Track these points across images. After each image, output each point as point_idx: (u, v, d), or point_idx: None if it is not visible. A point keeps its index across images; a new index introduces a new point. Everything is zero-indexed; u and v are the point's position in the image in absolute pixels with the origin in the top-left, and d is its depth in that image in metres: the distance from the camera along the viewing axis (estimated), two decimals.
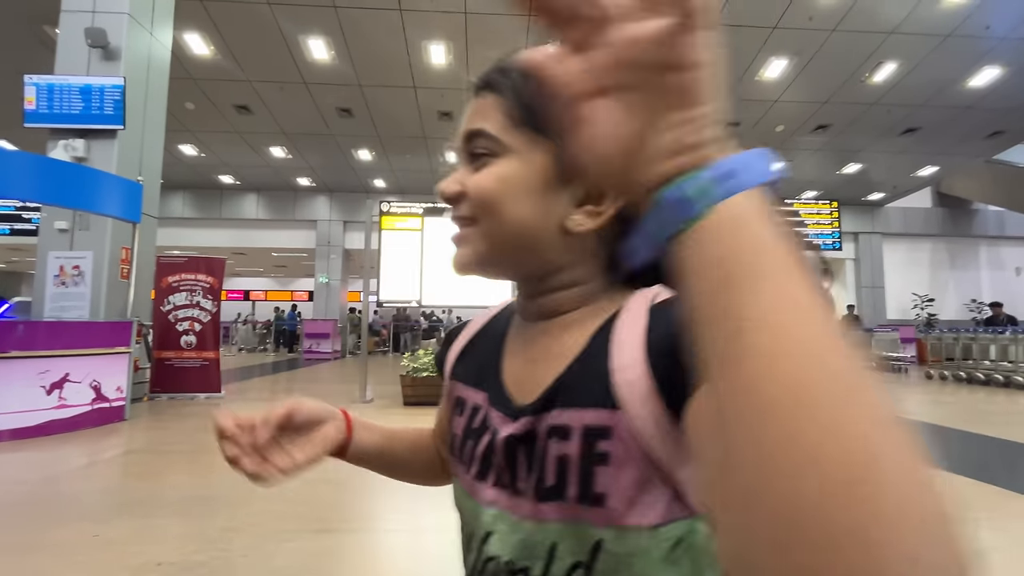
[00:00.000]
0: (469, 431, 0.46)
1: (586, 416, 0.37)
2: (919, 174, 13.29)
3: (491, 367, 0.47)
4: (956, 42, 7.69)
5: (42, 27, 7.11)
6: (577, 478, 0.37)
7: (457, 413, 0.48)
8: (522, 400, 0.43)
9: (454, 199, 0.44)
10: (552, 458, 0.38)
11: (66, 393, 4.05)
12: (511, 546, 0.40)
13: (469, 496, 0.44)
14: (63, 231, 4.97)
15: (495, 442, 0.42)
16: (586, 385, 0.38)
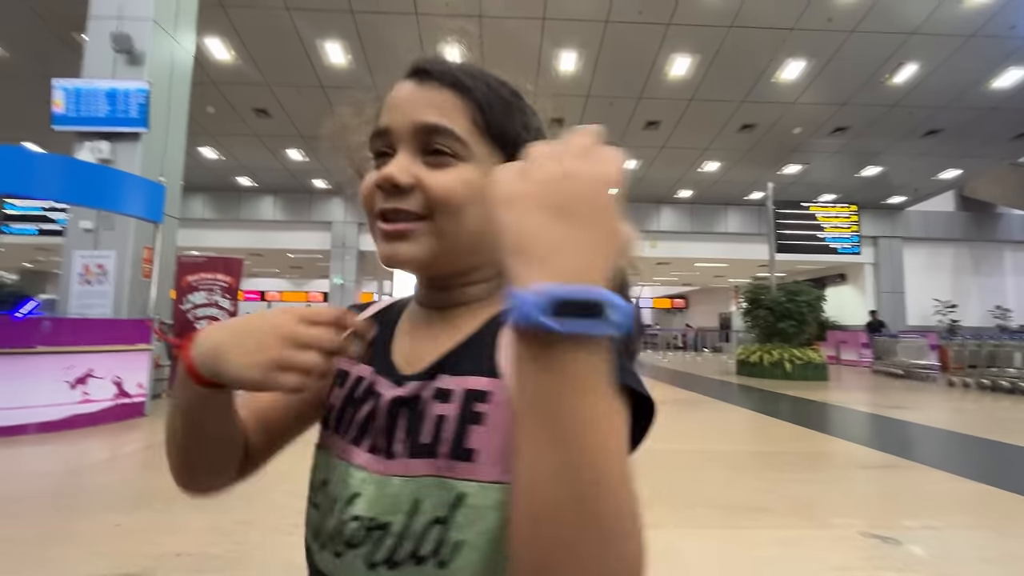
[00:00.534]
0: (350, 400, 0.45)
1: (468, 381, 0.41)
2: (941, 177, 13.01)
3: (380, 344, 0.47)
4: (980, 42, 7.53)
5: (70, 33, 7.34)
6: (451, 435, 0.39)
7: (337, 385, 0.47)
8: (410, 371, 0.44)
9: (402, 190, 0.42)
10: (431, 417, 0.40)
11: (89, 388, 4.16)
12: (376, 503, 0.40)
13: (340, 459, 0.43)
14: (88, 231, 5.11)
15: (378, 406, 0.43)
16: (473, 357, 0.42)
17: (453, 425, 0.39)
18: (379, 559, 0.38)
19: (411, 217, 0.42)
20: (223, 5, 6.89)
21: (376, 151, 0.45)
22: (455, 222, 0.42)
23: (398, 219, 0.42)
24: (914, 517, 2.42)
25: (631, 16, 7.08)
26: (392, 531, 0.38)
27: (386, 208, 0.42)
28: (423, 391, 0.42)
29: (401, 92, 0.44)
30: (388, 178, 0.41)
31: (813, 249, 12.61)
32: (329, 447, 0.45)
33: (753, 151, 11.49)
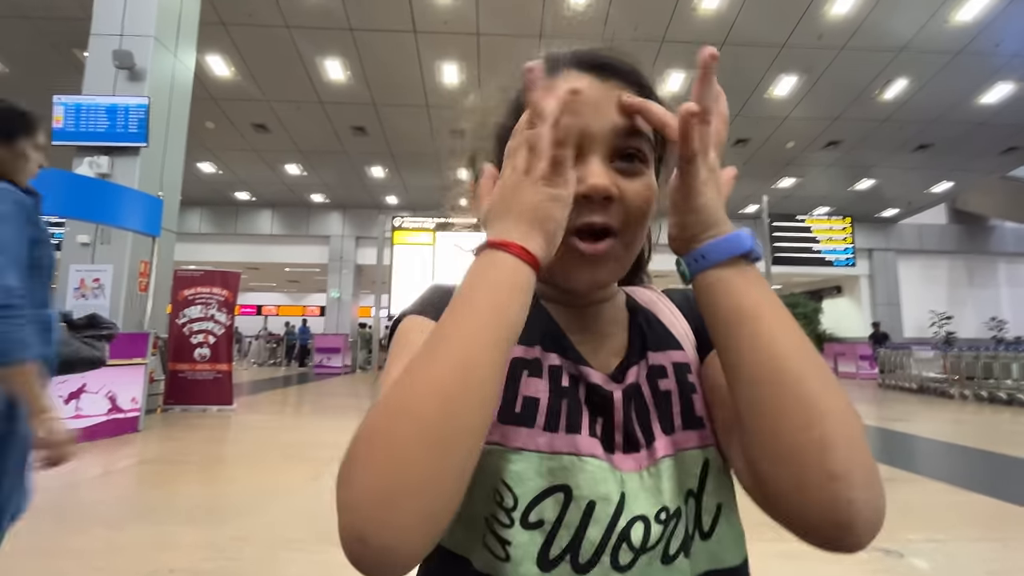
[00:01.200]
0: (559, 391, 0.39)
1: (672, 355, 0.44)
2: (933, 190, 13.18)
3: (554, 334, 0.43)
4: (967, 59, 7.70)
5: (71, 50, 7.42)
6: (680, 407, 0.41)
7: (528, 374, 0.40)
8: (604, 364, 0.42)
9: (607, 201, 0.39)
10: (660, 396, 0.41)
11: (83, 403, 4.11)
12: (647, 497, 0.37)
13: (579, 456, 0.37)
14: (85, 245, 5.10)
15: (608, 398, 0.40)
16: (658, 336, 0.45)
17: (678, 397, 0.42)
18: (674, 550, 0.37)
19: (607, 233, 0.40)
20: (224, 23, 6.99)
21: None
22: (638, 235, 0.42)
23: (599, 238, 0.39)
24: (917, 530, 2.40)
25: (627, 33, 7.21)
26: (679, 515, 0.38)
27: (595, 223, 0.39)
28: (639, 376, 0.42)
29: (584, 89, 0.39)
30: (600, 189, 0.38)
31: (809, 262, 12.69)
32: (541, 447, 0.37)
33: (748, 165, 11.62)
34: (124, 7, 5.35)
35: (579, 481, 0.36)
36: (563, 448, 0.37)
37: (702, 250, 0.38)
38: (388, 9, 6.73)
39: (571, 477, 0.37)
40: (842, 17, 6.88)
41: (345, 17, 6.88)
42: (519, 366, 0.40)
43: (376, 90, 8.60)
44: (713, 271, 0.37)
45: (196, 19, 6.03)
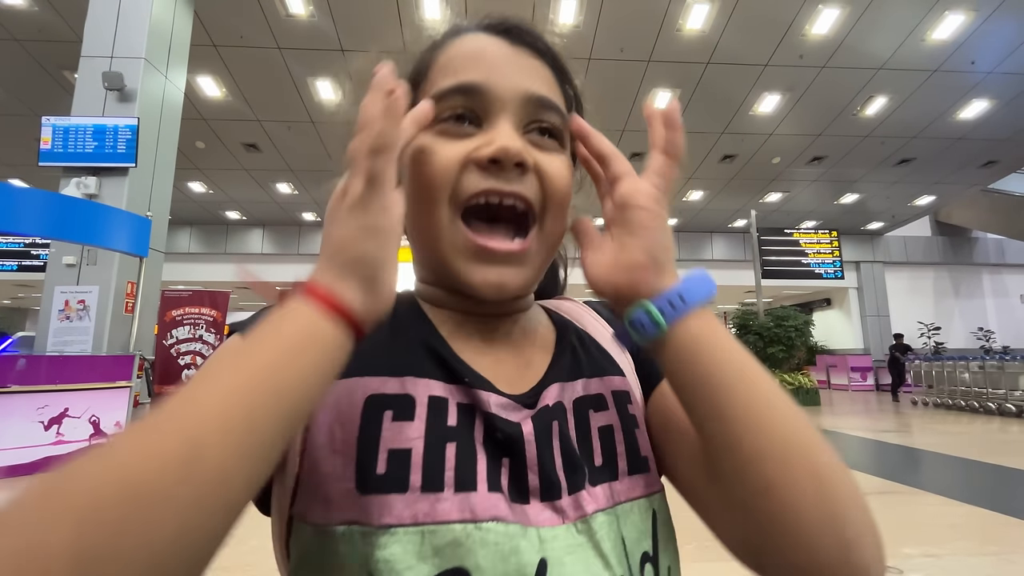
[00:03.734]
0: (441, 432, 0.30)
1: (613, 382, 0.37)
2: (917, 203, 13.44)
3: (435, 350, 0.33)
4: (943, 77, 7.93)
5: (61, 72, 7.42)
6: (624, 447, 0.34)
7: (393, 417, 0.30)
8: (512, 389, 0.34)
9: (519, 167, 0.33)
10: (595, 432, 0.34)
11: (64, 429, 4.00)
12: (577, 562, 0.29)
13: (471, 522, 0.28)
14: (70, 266, 5.03)
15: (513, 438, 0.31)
16: (594, 359, 0.39)
17: (621, 435, 0.34)
18: None
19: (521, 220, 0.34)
20: (215, 45, 7.04)
21: (447, 111, 0.34)
22: (560, 226, 0.36)
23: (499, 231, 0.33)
24: (914, 544, 2.38)
25: (613, 54, 7.36)
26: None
27: (496, 189, 0.32)
28: (562, 396, 0.34)
29: (490, 47, 0.35)
30: (512, 152, 0.32)
31: (798, 274, 12.82)
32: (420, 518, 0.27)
33: (735, 180, 11.80)
34: (115, 30, 5.37)
35: (479, 559, 0.26)
36: (452, 515, 0.28)
37: (679, 290, 0.31)
38: (379, 32, 6.82)
39: (468, 555, 0.27)
40: (822, 37, 7.07)
41: (337, 39, 6.96)
42: (376, 406, 0.30)
43: None
44: (695, 320, 0.31)
45: (187, 41, 6.07)
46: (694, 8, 6.55)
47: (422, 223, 0.34)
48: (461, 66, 0.34)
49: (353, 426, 0.30)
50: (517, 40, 0.36)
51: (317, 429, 0.30)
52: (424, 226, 0.34)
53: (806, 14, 6.70)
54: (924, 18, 6.76)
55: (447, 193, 0.33)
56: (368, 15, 6.58)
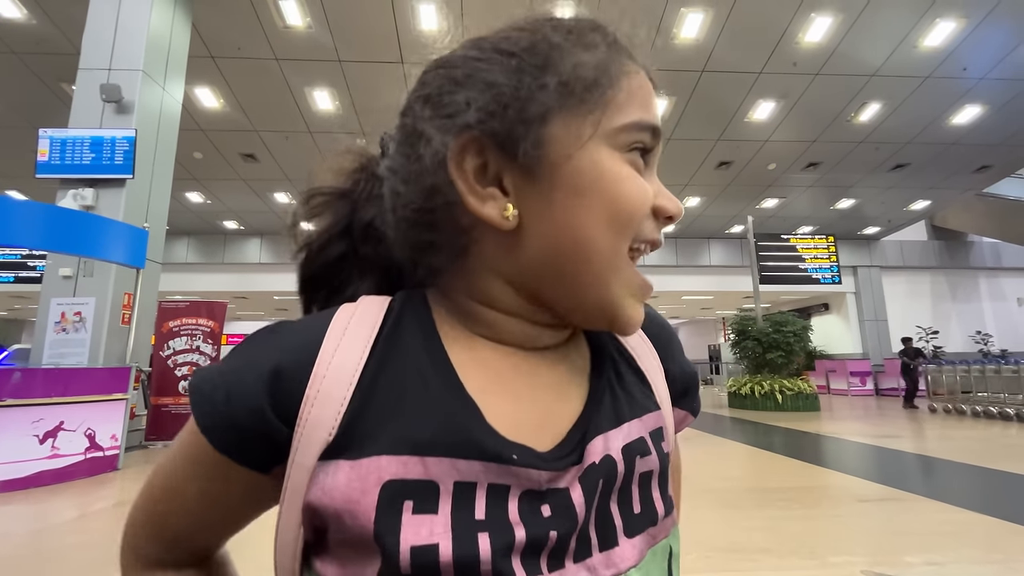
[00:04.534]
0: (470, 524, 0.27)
1: (649, 421, 0.36)
2: (912, 208, 13.52)
3: (456, 419, 0.29)
4: (936, 83, 8.01)
5: (59, 84, 7.45)
6: (659, 492, 0.33)
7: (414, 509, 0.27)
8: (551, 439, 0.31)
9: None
10: (637, 479, 0.33)
11: (59, 442, 3.97)
12: None
13: None
14: (67, 278, 5.01)
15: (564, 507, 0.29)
16: (632, 395, 0.36)
17: (657, 480, 0.34)
18: None
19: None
20: (213, 56, 7.08)
21: (637, 145, 0.32)
22: None
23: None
24: (916, 552, 2.37)
25: None
26: None
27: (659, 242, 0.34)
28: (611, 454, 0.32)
29: (651, 91, 0.35)
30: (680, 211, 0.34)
31: (795, 280, 12.86)
32: None
33: (731, 186, 11.86)
34: (113, 42, 5.40)
35: None
36: None
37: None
38: (376, 41, 6.87)
39: None
40: (815, 45, 7.15)
41: (334, 49, 7.01)
42: (393, 495, 0.27)
43: (365, 120, 8.71)
44: None
45: (185, 53, 6.10)
46: (688, 17, 6.62)
47: (597, 249, 0.31)
48: (646, 103, 0.33)
49: (369, 518, 0.27)
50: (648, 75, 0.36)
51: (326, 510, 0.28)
52: (601, 251, 0.31)
53: (799, 23, 6.77)
54: (915, 26, 6.84)
55: (639, 224, 0.31)
56: (364, 26, 6.63)
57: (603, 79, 0.32)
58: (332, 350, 0.30)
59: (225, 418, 0.29)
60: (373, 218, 0.38)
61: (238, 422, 0.29)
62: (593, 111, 0.31)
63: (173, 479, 0.32)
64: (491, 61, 0.32)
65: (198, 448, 0.30)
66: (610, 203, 0.30)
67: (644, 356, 0.40)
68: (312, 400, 0.29)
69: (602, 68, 0.32)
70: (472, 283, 0.34)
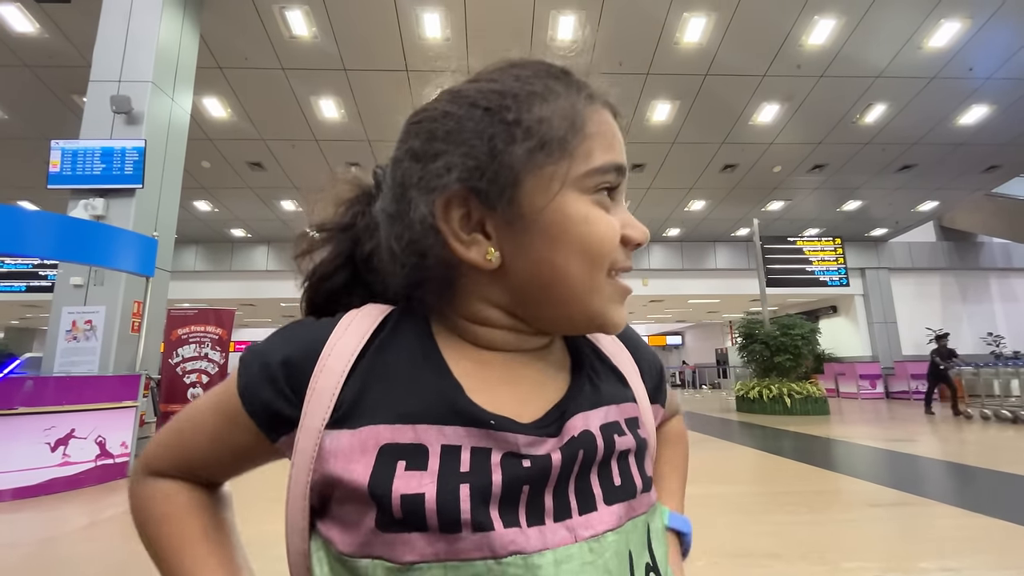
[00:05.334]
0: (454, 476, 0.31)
1: (626, 409, 0.40)
2: (920, 209, 13.40)
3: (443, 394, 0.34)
4: (942, 84, 7.96)
5: (70, 96, 7.57)
6: (637, 469, 0.38)
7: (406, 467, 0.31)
8: (532, 416, 0.36)
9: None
10: (617, 454, 0.37)
11: (71, 450, 4.00)
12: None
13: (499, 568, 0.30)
14: (78, 287, 5.07)
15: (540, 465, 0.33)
16: (610, 385, 0.41)
17: (634, 458, 0.38)
18: None
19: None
20: (221, 67, 7.18)
21: (604, 185, 0.36)
22: None
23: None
24: (930, 558, 2.33)
25: (612, 67, 7.44)
26: None
27: (630, 268, 0.38)
28: (589, 424, 0.36)
29: (613, 126, 0.38)
30: (646, 237, 0.38)
31: (803, 282, 12.78)
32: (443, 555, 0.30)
33: (736, 189, 11.82)
34: (123, 54, 5.49)
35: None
36: (473, 553, 0.30)
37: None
38: (381, 50, 6.94)
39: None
40: (819, 47, 7.14)
41: (339, 58, 7.08)
42: (389, 455, 0.32)
43: (370, 127, 8.78)
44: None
45: (193, 64, 6.19)
46: (691, 21, 6.64)
47: (577, 279, 0.35)
48: (610, 142, 0.37)
49: (365, 475, 0.31)
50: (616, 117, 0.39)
51: (330, 471, 0.33)
52: (577, 282, 0.35)
53: (802, 25, 6.76)
54: (920, 27, 6.81)
55: (608, 261, 0.35)
56: (369, 35, 6.70)
57: (568, 133, 0.35)
58: (337, 338, 0.36)
59: (256, 388, 0.36)
60: (373, 249, 0.42)
61: (263, 393, 0.36)
62: (560, 165, 0.35)
63: (201, 415, 0.39)
64: (466, 118, 0.36)
65: (230, 403, 0.37)
66: (582, 245, 0.35)
67: (619, 357, 0.45)
68: (317, 374, 0.35)
69: (566, 120, 0.36)
70: (462, 306, 0.38)
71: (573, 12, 6.46)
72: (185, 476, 0.41)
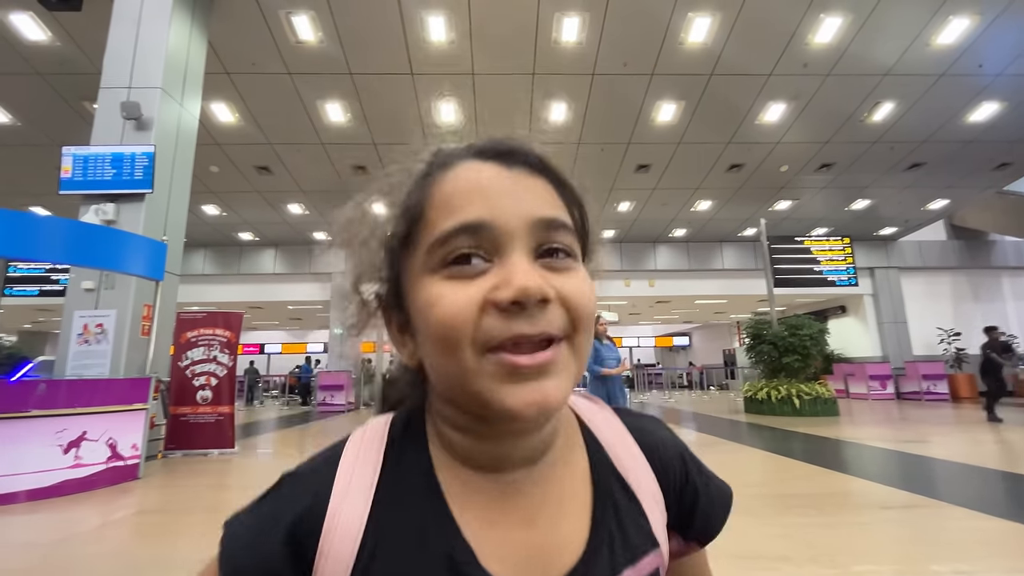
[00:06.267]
0: None
1: (644, 566, 0.36)
2: (930, 207, 13.27)
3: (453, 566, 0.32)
4: (951, 81, 7.88)
5: (81, 103, 7.68)
6: None
7: None
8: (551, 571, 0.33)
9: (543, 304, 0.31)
10: None
11: (82, 452, 4.05)
12: None
13: None
14: (89, 291, 5.14)
15: None
16: (629, 537, 0.36)
17: None
18: None
19: (551, 340, 0.31)
20: (228, 72, 7.25)
21: (453, 253, 0.32)
22: (589, 341, 0.33)
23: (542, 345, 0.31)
24: (943, 561, 2.31)
25: (616, 68, 7.44)
26: None
27: (526, 335, 0.30)
28: None
29: (487, 176, 0.33)
30: (533, 291, 0.30)
31: (811, 282, 12.68)
32: None
33: (743, 189, 11.76)
34: (133, 61, 5.56)
35: None
36: None
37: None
38: (386, 54, 6.98)
39: None
40: (825, 45, 7.09)
41: (345, 62, 7.13)
42: None
43: (376, 130, 8.83)
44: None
45: (201, 70, 6.25)
46: (696, 21, 6.62)
47: (447, 368, 0.32)
48: (461, 203, 0.32)
49: None
50: (512, 162, 0.34)
51: None
52: (449, 370, 0.32)
53: (808, 23, 6.73)
54: (928, 23, 6.75)
55: (468, 339, 0.30)
56: (375, 39, 6.74)
57: (411, 225, 0.34)
58: (339, 502, 0.33)
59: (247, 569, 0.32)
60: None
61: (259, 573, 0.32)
62: (415, 257, 0.34)
63: None
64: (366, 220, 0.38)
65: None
66: (428, 331, 0.32)
67: (641, 482, 0.39)
68: (325, 554, 0.32)
69: (409, 212, 0.34)
70: (434, 403, 0.37)
71: (577, 14, 6.46)
72: None
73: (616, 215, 13.13)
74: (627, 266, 15.42)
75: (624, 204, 12.49)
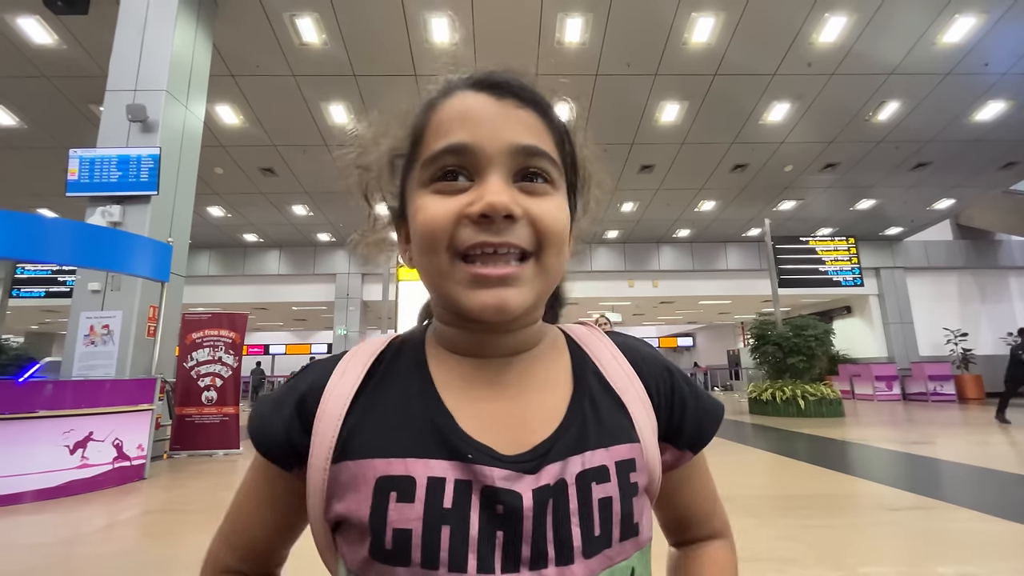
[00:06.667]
0: (438, 515, 0.33)
1: (619, 451, 0.38)
2: (936, 207, 13.18)
3: (433, 426, 0.36)
4: (956, 80, 7.83)
5: (87, 105, 7.74)
6: (619, 517, 0.36)
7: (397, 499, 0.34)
8: (517, 449, 0.36)
9: (509, 219, 0.35)
10: (596, 503, 0.35)
11: (89, 452, 4.08)
12: None
13: None
14: (95, 292, 5.17)
15: (514, 506, 0.33)
16: (604, 425, 0.39)
17: (618, 505, 0.36)
18: None
19: (515, 256, 0.36)
20: (233, 75, 7.29)
21: (441, 170, 0.37)
22: (559, 259, 0.38)
23: (498, 259, 0.35)
24: (950, 563, 2.29)
25: (620, 68, 7.43)
26: None
27: (489, 242, 0.35)
28: (565, 473, 0.35)
29: (476, 105, 0.38)
30: (499, 207, 0.34)
31: (816, 283, 12.61)
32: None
33: (747, 189, 11.73)
34: (138, 64, 5.60)
35: None
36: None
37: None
38: (390, 55, 7.00)
39: None
40: (830, 45, 7.06)
41: (349, 64, 7.16)
42: (384, 488, 0.34)
43: None
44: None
45: (206, 72, 6.29)
46: (699, 21, 6.61)
47: (427, 268, 0.37)
48: (450, 127, 0.37)
49: (366, 506, 0.34)
50: (502, 94, 0.38)
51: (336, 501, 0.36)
52: (429, 270, 0.37)
53: (812, 23, 6.70)
54: (933, 22, 6.71)
55: (444, 244, 0.35)
56: (378, 41, 6.76)
57: (414, 146, 0.40)
58: (334, 384, 0.39)
59: (264, 432, 0.40)
60: None
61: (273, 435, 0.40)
62: (412, 173, 0.39)
63: (243, 490, 0.43)
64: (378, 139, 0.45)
65: (255, 460, 0.42)
66: (415, 234, 0.38)
67: (625, 386, 0.42)
68: (320, 416, 0.38)
69: (423, 116, 0.40)
70: (433, 306, 0.44)
71: (581, 14, 6.46)
72: (248, 566, 0.44)
73: (620, 215, 13.11)
74: (631, 267, 15.40)
75: (628, 204, 12.47)
